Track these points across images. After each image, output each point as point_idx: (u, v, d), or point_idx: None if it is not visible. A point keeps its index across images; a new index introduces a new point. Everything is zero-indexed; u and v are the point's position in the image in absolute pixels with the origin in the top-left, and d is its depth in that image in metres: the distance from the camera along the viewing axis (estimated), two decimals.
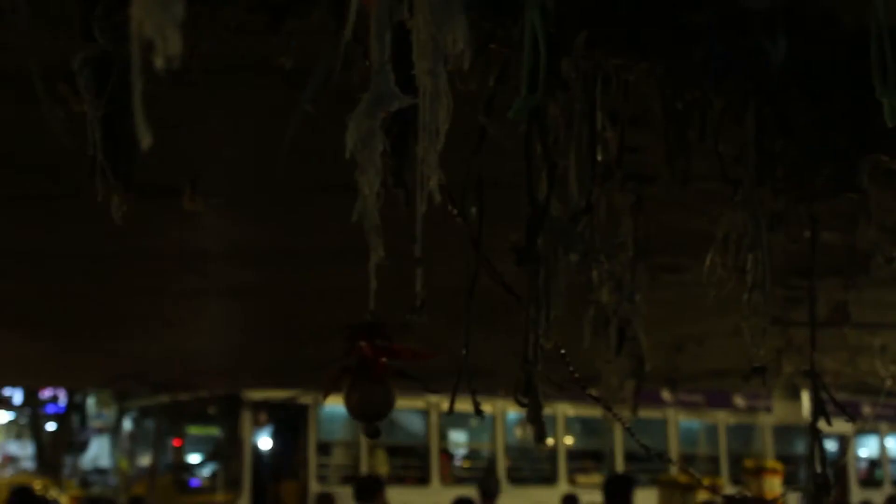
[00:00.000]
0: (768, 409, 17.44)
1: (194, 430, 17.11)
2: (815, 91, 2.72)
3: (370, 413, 1.98)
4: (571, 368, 3.06)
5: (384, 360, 1.85)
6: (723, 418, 18.01)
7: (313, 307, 8.22)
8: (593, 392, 4.15)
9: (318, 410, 15.00)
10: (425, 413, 15.62)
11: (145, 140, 1.01)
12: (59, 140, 2.19)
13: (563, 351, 2.87)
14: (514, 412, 15.38)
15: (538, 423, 2.37)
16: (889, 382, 7.63)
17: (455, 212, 2.50)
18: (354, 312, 1.98)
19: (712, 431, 18.12)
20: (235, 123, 4.14)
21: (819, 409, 2.61)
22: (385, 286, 1.91)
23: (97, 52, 2.16)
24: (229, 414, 15.01)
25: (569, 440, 17.04)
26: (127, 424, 18.06)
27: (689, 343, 9.30)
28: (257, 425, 15.06)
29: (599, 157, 3.18)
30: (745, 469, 13.13)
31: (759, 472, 12.41)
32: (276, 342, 10.45)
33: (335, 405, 15.20)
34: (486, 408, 15.06)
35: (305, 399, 14.76)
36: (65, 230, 5.93)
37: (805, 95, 2.70)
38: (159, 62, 1.01)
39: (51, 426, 25.36)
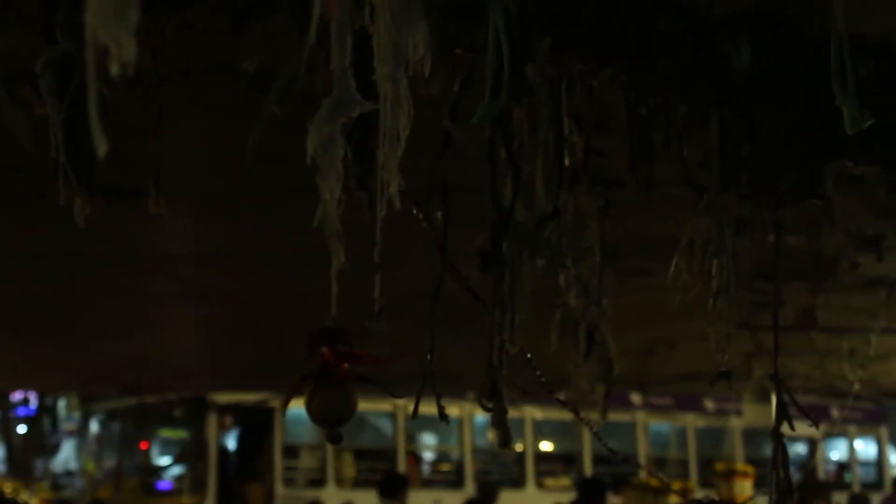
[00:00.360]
0: (738, 413, 17.50)
1: (161, 433, 17.09)
2: (779, 97, 2.74)
3: (331, 419, 1.98)
4: (538, 373, 3.07)
5: (346, 365, 1.85)
6: (692, 421, 18.03)
7: (280, 310, 8.22)
8: (561, 396, 4.16)
9: (285, 413, 14.95)
10: (392, 416, 15.59)
11: (101, 147, 1.01)
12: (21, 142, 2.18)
13: (529, 355, 2.88)
14: (481, 415, 15.36)
15: (503, 428, 2.37)
16: (857, 386, 7.67)
17: (420, 216, 2.51)
18: (321, 315, 1.98)
19: (682, 434, 18.16)
20: (201, 125, 4.13)
21: (783, 415, 2.62)
22: (349, 290, 1.91)
23: (59, 55, 2.15)
24: (195, 417, 15.03)
25: (538, 443, 17.04)
26: (94, 427, 18.02)
27: (659, 346, 9.34)
28: (223, 428, 15.07)
29: (566, 162, 3.19)
30: (716, 472, 13.16)
31: (730, 475, 12.43)
32: (244, 345, 10.44)
33: (301, 408, 15.14)
34: (454, 411, 15.09)
35: (272, 402, 14.76)
36: (33, 231, 5.90)
37: (769, 101, 2.71)
38: (114, 68, 1.01)
39: (21, 429, 25.21)
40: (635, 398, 15.91)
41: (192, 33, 2.45)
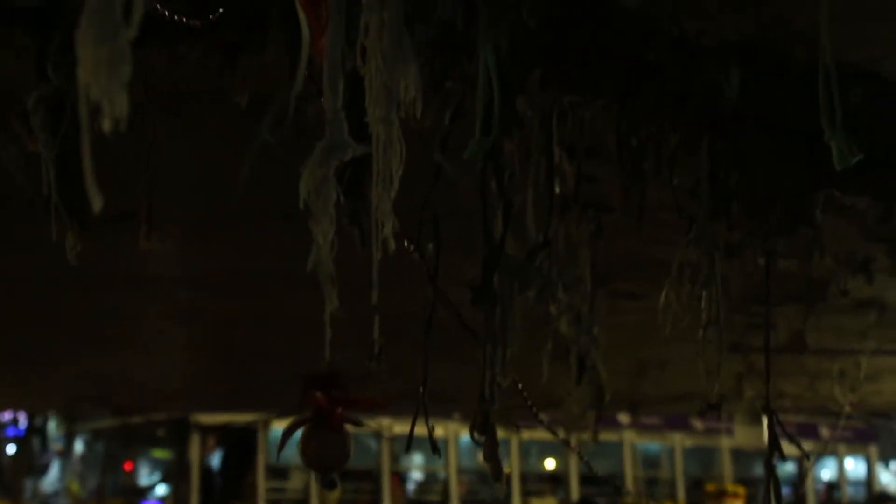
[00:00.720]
0: (728, 431, 17.45)
1: (145, 454, 17.13)
2: (768, 125, 2.75)
3: (327, 463, 1.98)
4: (529, 403, 3.07)
5: (340, 410, 1.85)
6: (680, 440, 17.97)
7: (266, 332, 8.24)
8: (553, 421, 4.14)
9: (268, 434, 15.05)
10: (377, 436, 15.57)
11: (96, 203, 1.01)
12: (12, 175, 2.18)
13: (520, 385, 2.88)
14: (467, 435, 15.33)
15: (494, 462, 2.37)
16: (847, 408, 7.67)
17: (411, 248, 2.51)
18: (305, 337, 1.97)
19: (670, 454, 18.09)
20: (190, 150, 4.12)
21: (774, 446, 2.63)
22: (343, 326, 1.92)
23: (51, 91, 2.15)
24: (179, 437, 15.11)
25: (524, 463, 16.99)
26: (78, 447, 18.05)
27: (650, 367, 9.32)
28: (206, 449, 15.11)
29: (557, 190, 3.19)
30: (706, 493, 13.14)
31: (721, 495, 12.44)
32: (231, 366, 10.45)
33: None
34: (440, 431, 15.05)
35: (255, 423, 14.80)
36: (20, 254, 5.90)
37: (758, 130, 2.72)
38: (106, 124, 1.01)
39: (11, 449, 25.13)
40: (623, 417, 15.87)
41: (184, 65, 2.45)
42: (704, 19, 2.76)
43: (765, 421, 2.81)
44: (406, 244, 2.52)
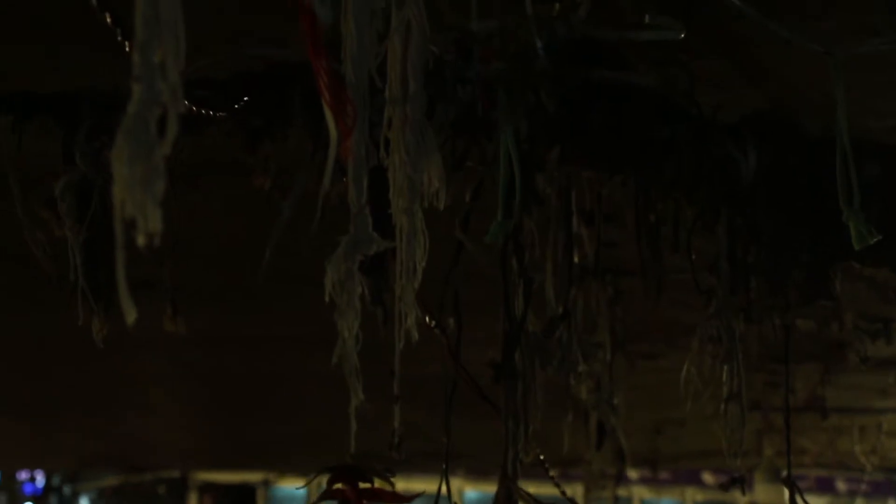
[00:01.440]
0: (743, 484, 17.20)
1: None
2: (785, 199, 2.77)
3: None
4: (551, 474, 3.07)
5: (365, 503, 1.86)
6: (691, 496, 17.74)
7: (272, 391, 8.31)
8: (572, 477, 4.12)
9: (268, 492, 15.10)
10: None
11: (130, 315, 1.03)
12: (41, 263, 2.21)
13: (542, 457, 2.89)
14: (471, 490, 15.26)
15: None
16: (869, 468, 7.64)
17: (432, 324, 2.53)
18: (312, 397, 1.98)
19: None
20: (207, 221, 4.17)
21: None
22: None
23: (78, 177, 2.19)
24: (177, 496, 15.21)
25: None
26: None
27: (669, 425, 9.30)
28: None
29: (576, 259, 3.22)
30: None
31: None
32: (235, 425, 10.51)
33: (284, 486, 15.27)
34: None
35: (253, 480, 14.87)
36: (39, 318, 5.96)
37: (776, 204, 2.74)
38: (140, 240, 1.03)
39: None
40: (632, 473, 15.73)
41: (205, 147, 2.48)
42: (719, 93, 2.79)
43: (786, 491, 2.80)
44: (427, 319, 2.54)
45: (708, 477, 17.65)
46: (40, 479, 24.69)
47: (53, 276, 2.26)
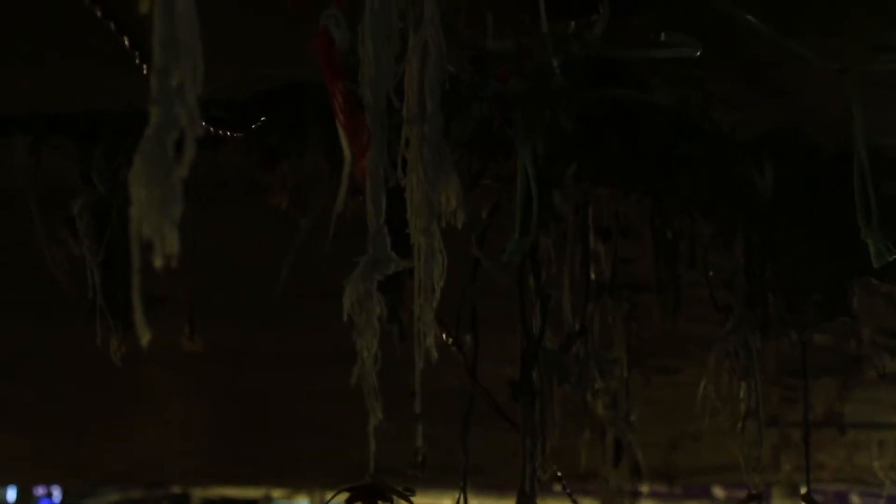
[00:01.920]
0: (761, 500, 17.07)
1: None
2: (803, 216, 2.76)
3: None
4: (568, 491, 3.07)
5: None
6: None
7: (284, 406, 8.32)
8: (588, 492, 4.11)
9: None
10: None
11: (144, 337, 1.03)
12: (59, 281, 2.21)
13: (559, 473, 2.89)
14: None
15: None
16: (887, 483, 7.60)
17: (449, 341, 2.53)
18: (321, 412, 1.97)
19: None
20: (225, 238, 4.17)
21: None
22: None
23: (96, 197, 2.20)
24: None
25: None
26: None
27: (685, 440, 9.26)
28: None
29: (592, 276, 3.22)
30: None
31: None
32: (243, 440, 10.53)
33: (285, 501, 15.32)
34: None
35: (255, 496, 14.90)
36: (54, 335, 5.98)
37: (793, 221, 2.74)
38: (157, 262, 1.04)
39: None
40: (642, 487, 15.59)
41: (221, 166, 2.49)
42: (736, 111, 2.79)
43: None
44: (444, 337, 2.55)
45: (719, 491, 17.50)
46: (57, 495, 24.77)
47: (72, 295, 2.27)
